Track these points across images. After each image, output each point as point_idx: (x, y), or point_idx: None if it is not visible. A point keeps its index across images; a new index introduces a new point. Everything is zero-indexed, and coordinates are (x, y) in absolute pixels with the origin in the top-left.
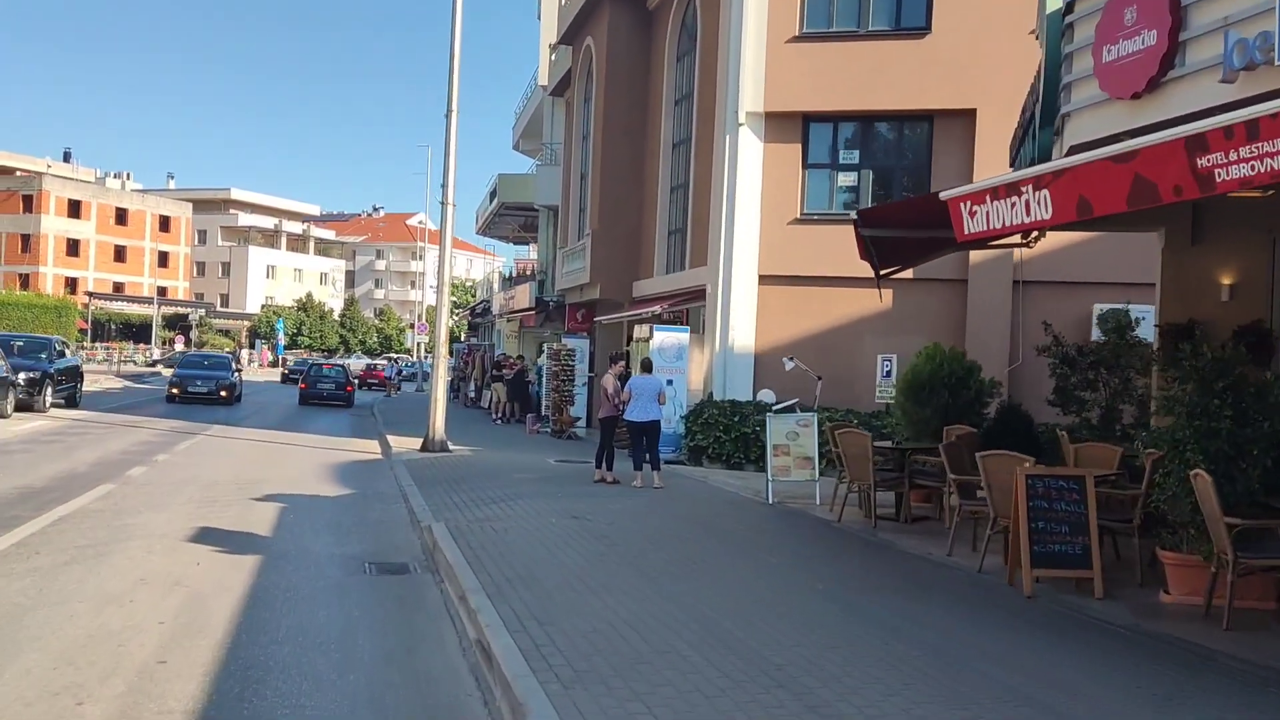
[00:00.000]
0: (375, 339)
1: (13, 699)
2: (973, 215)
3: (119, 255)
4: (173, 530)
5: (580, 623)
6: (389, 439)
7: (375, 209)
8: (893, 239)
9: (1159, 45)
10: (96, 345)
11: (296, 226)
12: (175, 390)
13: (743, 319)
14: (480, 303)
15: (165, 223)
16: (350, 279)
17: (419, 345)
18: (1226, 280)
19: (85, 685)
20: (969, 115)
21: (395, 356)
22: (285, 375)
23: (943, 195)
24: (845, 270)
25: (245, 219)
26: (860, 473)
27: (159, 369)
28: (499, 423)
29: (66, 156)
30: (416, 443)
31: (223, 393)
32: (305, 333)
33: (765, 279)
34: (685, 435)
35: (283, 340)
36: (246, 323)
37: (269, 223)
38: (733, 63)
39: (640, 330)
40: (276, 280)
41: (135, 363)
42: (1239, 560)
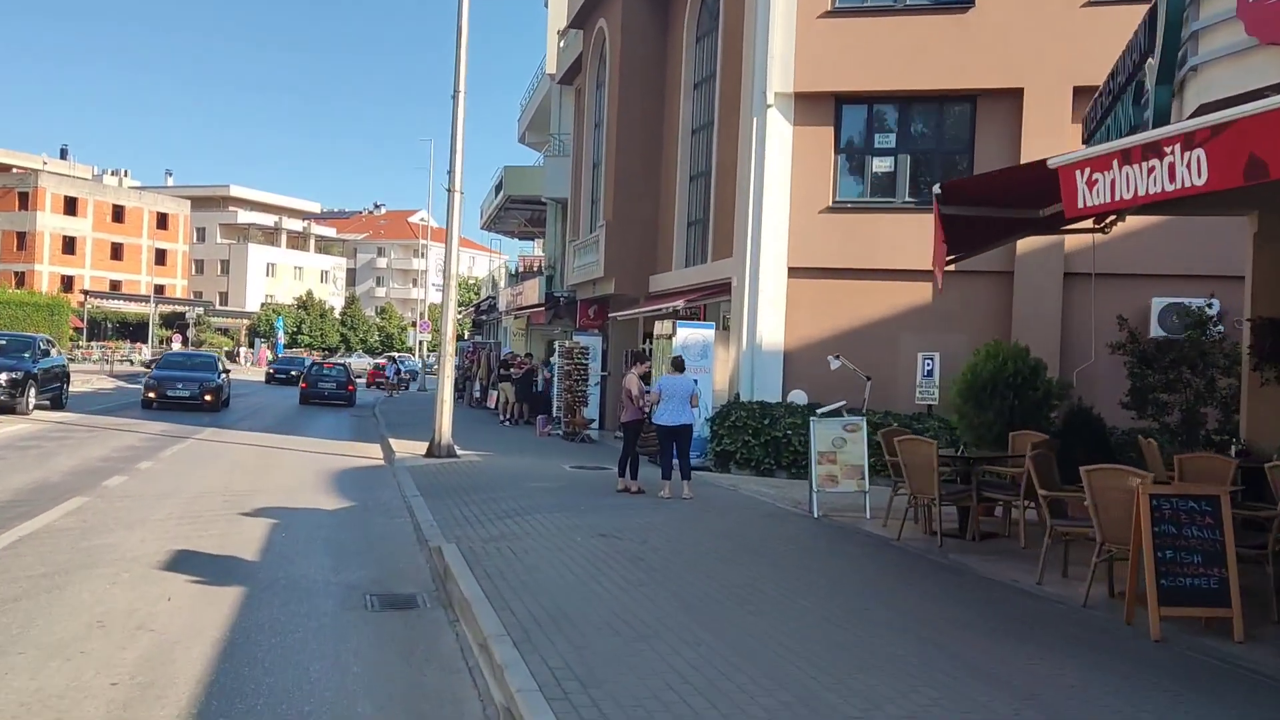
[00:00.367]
0: (377, 337)
1: None
2: (1092, 185)
3: (116, 253)
4: (145, 554)
5: (633, 683)
6: (391, 443)
7: (376, 206)
8: (967, 219)
9: None
10: (92, 344)
11: (297, 224)
12: (151, 394)
13: (771, 314)
14: (485, 299)
15: (163, 220)
16: (351, 277)
17: (422, 343)
18: None
19: None
20: (1014, 95)
21: (396, 355)
22: (270, 375)
23: (1052, 162)
24: (880, 262)
25: (245, 216)
26: (923, 485)
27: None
28: (507, 424)
29: (63, 153)
30: (421, 446)
31: (207, 397)
32: (306, 331)
33: (795, 271)
34: (711, 439)
35: (282, 339)
36: (246, 321)
37: (269, 220)
38: (760, 41)
39: (661, 326)
40: (276, 278)
41: (131, 362)
42: None
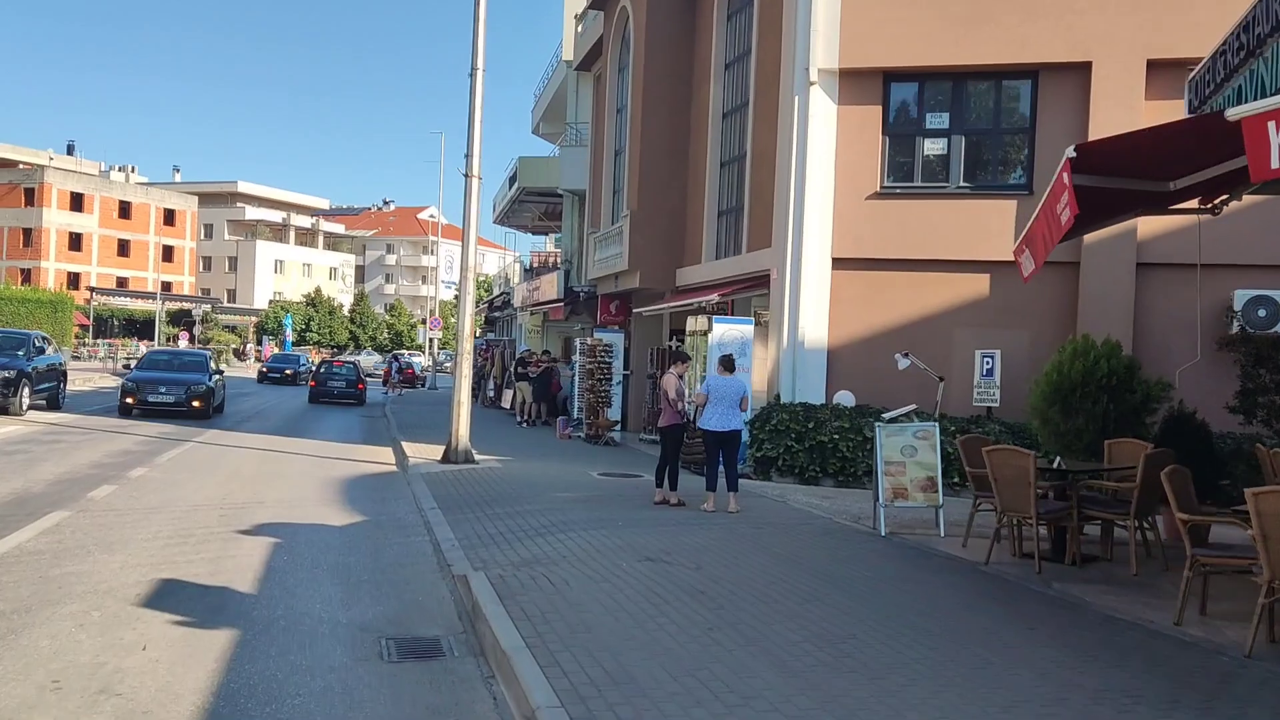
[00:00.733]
0: (386, 335)
1: None
2: None
3: (123, 250)
4: (123, 585)
5: None
6: (405, 446)
7: (385, 202)
8: (1087, 191)
9: None
10: (99, 342)
11: (305, 220)
12: (129, 399)
13: (814, 309)
14: (499, 295)
15: (170, 216)
16: (360, 274)
17: (432, 341)
18: None
19: None
20: (1082, 69)
21: (399, 353)
22: (263, 374)
23: (1232, 113)
24: (933, 251)
25: (252, 213)
26: (1017, 501)
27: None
28: (524, 425)
29: (70, 149)
30: (435, 450)
31: (195, 403)
32: (314, 328)
33: (839, 263)
34: (751, 444)
35: (290, 336)
36: (254, 318)
37: (277, 216)
38: (801, 13)
39: (695, 322)
40: (284, 275)
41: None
42: None
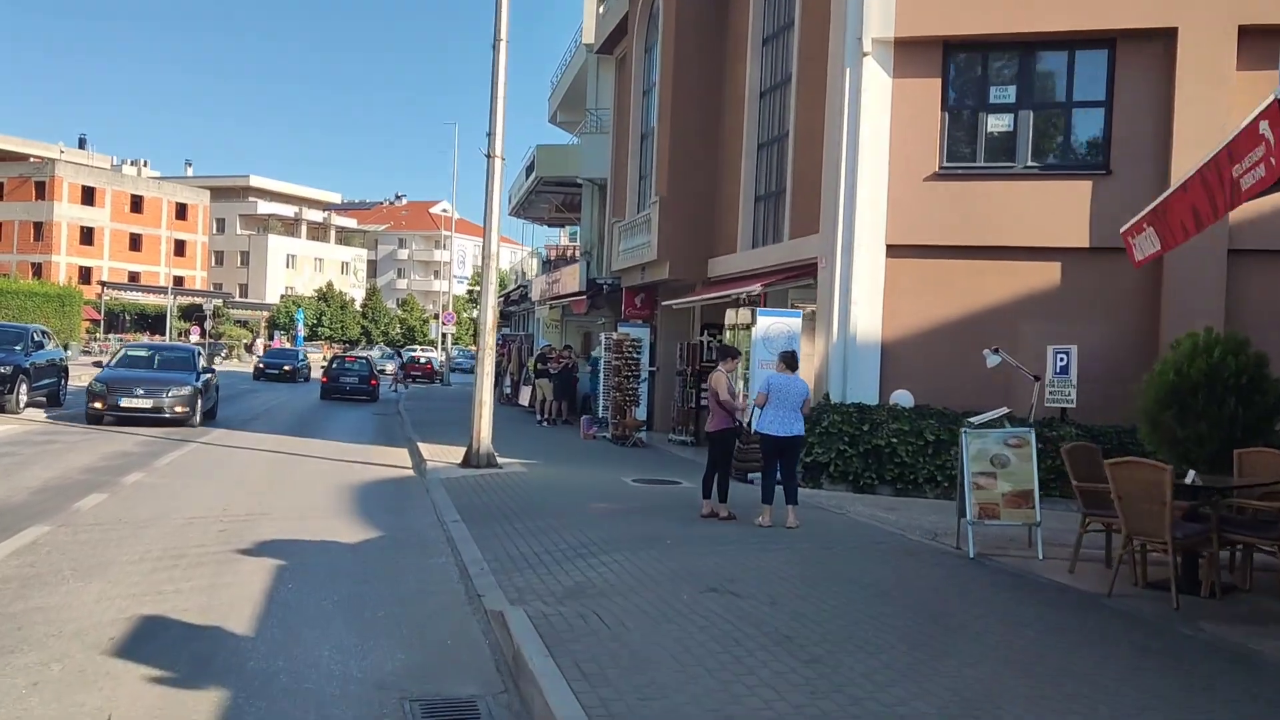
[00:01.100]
0: (398, 330)
1: None
2: None
3: (134, 244)
4: (97, 625)
5: None
6: (421, 448)
7: (398, 197)
8: None
9: None
10: (110, 337)
11: (317, 215)
12: (98, 404)
13: (866, 300)
14: (515, 289)
15: (182, 210)
16: (372, 268)
17: (446, 336)
18: None
19: None
20: (1166, 36)
21: (400, 349)
22: (259, 370)
23: None
24: (997, 237)
25: (265, 207)
26: (1146, 523)
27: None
28: (545, 425)
29: (82, 143)
30: (453, 452)
31: (178, 408)
32: (326, 323)
33: (894, 250)
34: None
35: (302, 331)
36: (265, 313)
37: (289, 211)
38: None
39: (735, 315)
40: (296, 270)
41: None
42: None
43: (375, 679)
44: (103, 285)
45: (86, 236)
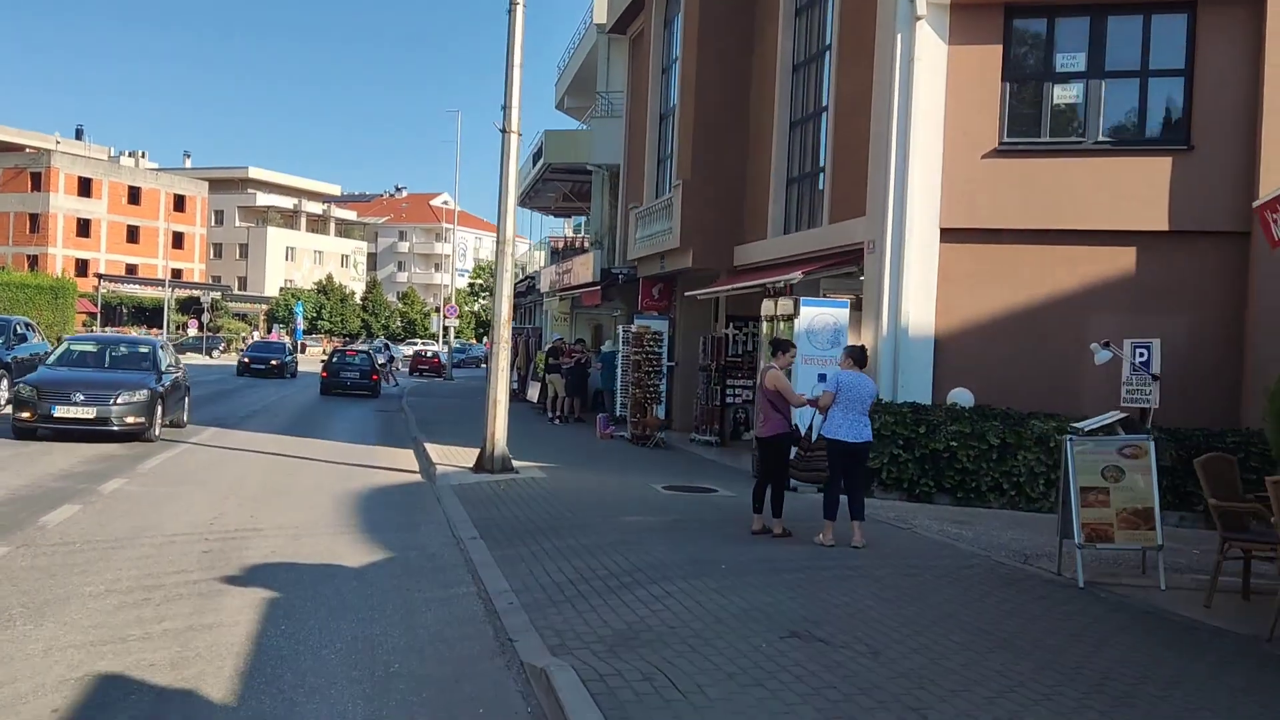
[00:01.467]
0: (399, 323)
1: None
2: None
3: (132, 236)
4: (40, 686)
5: None
6: (428, 449)
7: (398, 189)
8: None
9: None
10: (107, 330)
11: (317, 207)
12: (25, 414)
13: (918, 290)
14: (521, 280)
15: (180, 202)
16: (372, 261)
17: (449, 329)
18: None
19: None
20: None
21: (389, 342)
22: (244, 365)
23: None
24: (1065, 220)
25: (264, 199)
26: None
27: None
28: (557, 423)
29: (79, 134)
30: (464, 455)
31: (130, 419)
32: (325, 316)
33: (949, 234)
34: None
35: (302, 324)
36: (264, 306)
37: (288, 203)
38: None
39: (775, 305)
40: (296, 262)
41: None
42: None
43: None
44: (99, 278)
45: (83, 228)
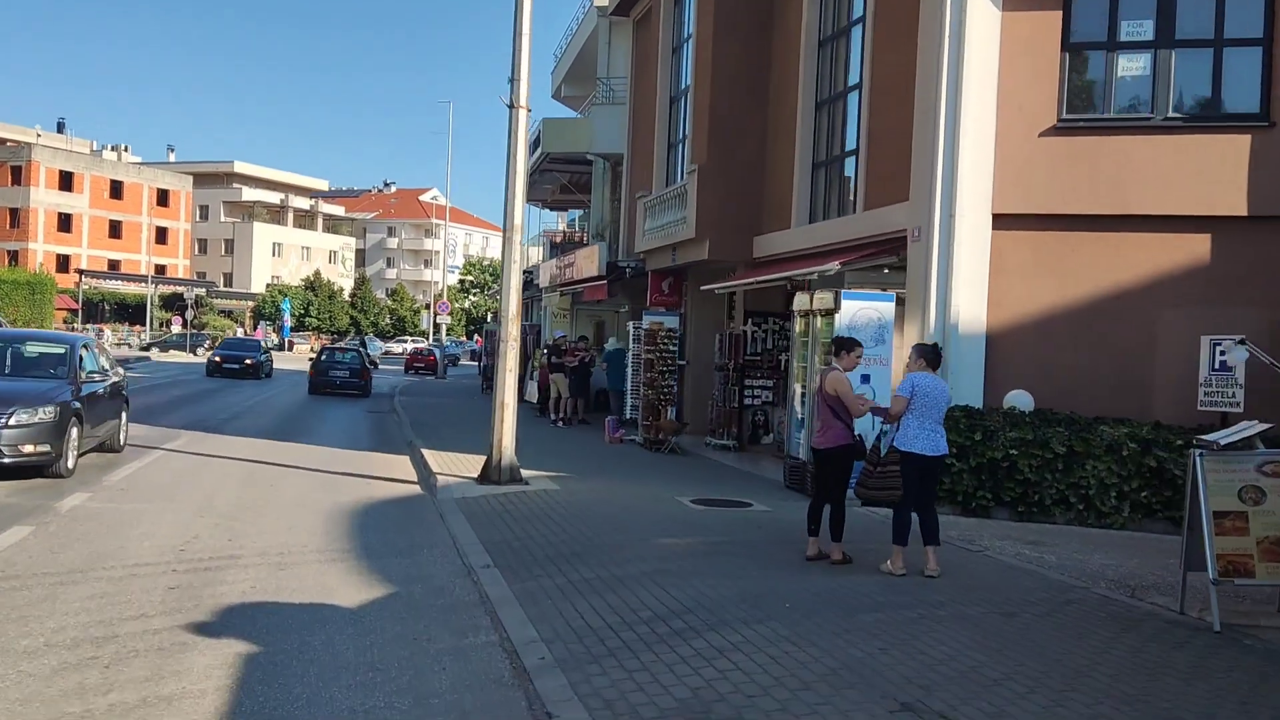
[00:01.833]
0: (388, 320)
1: None
2: None
3: (114, 231)
4: None
5: None
6: (427, 456)
7: (387, 184)
8: None
9: None
10: (88, 327)
11: (304, 202)
12: None
13: (969, 282)
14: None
15: (164, 197)
16: (360, 257)
17: (442, 326)
18: None
19: None
20: None
21: (365, 339)
22: (216, 364)
23: None
24: (1132, 204)
25: (249, 194)
26: None
27: (151, 353)
28: (559, 425)
29: (60, 127)
30: (465, 462)
31: (26, 448)
32: (313, 313)
33: (1003, 220)
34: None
35: (289, 321)
36: (250, 302)
37: (275, 198)
38: None
39: (811, 299)
40: (283, 258)
41: (130, 345)
42: None
43: None
44: (81, 273)
45: (64, 223)
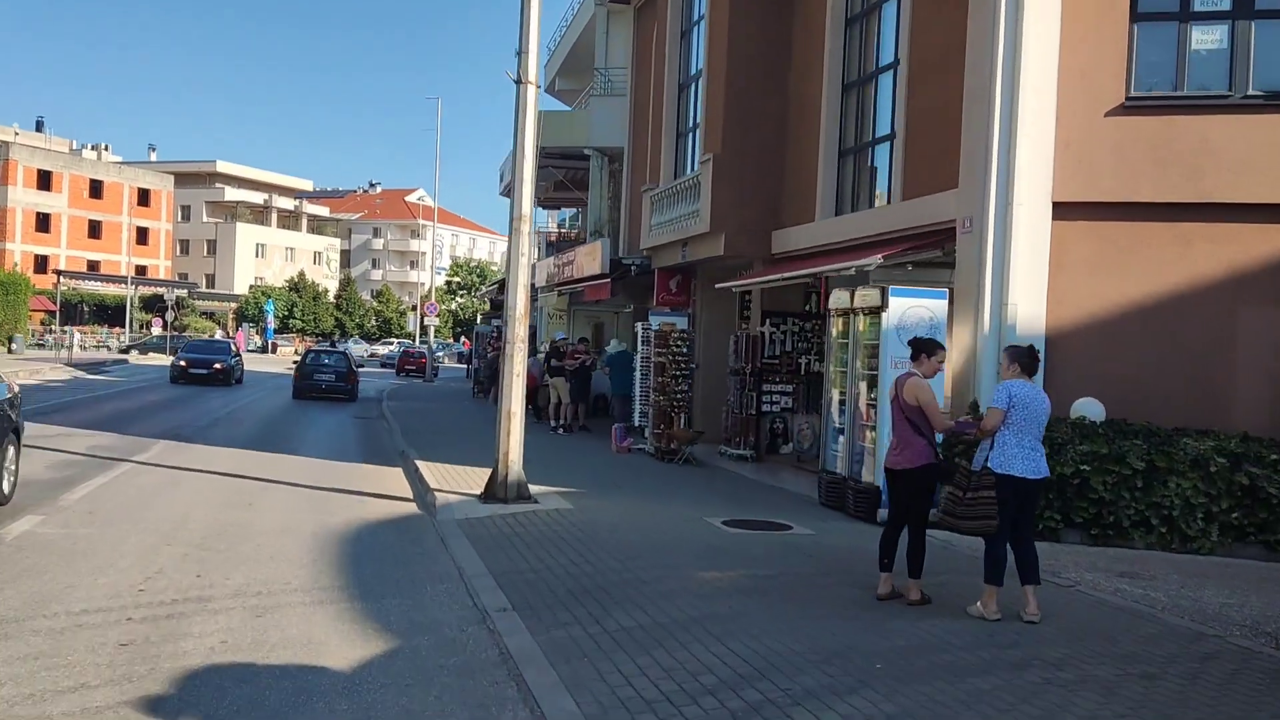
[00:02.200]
0: (373, 322)
1: None
2: None
3: (94, 231)
4: None
5: None
6: (422, 469)
7: (372, 184)
8: None
9: None
10: (66, 329)
11: (288, 202)
12: None
13: (1027, 278)
14: None
15: (145, 196)
16: (346, 258)
17: (431, 328)
18: None
19: None
20: None
21: (335, 341)
22: (180, 369)
23: None
24: (1209, 191)
25: (233, 194)
26: None
27: (130, 356)
28: (560, 433)
29: (39, 125)
30: (465, 476)
31: None
32: (297, 315)
33: (1064, 209)
34: None
35: (272, 323)
36: (233, 304)
37: (258, 198)
38: None
39: (850, 297)
40: (267, 259)
41: (109, 348)
42: None
43: None
44: (59, 274)
45: (43, 223)
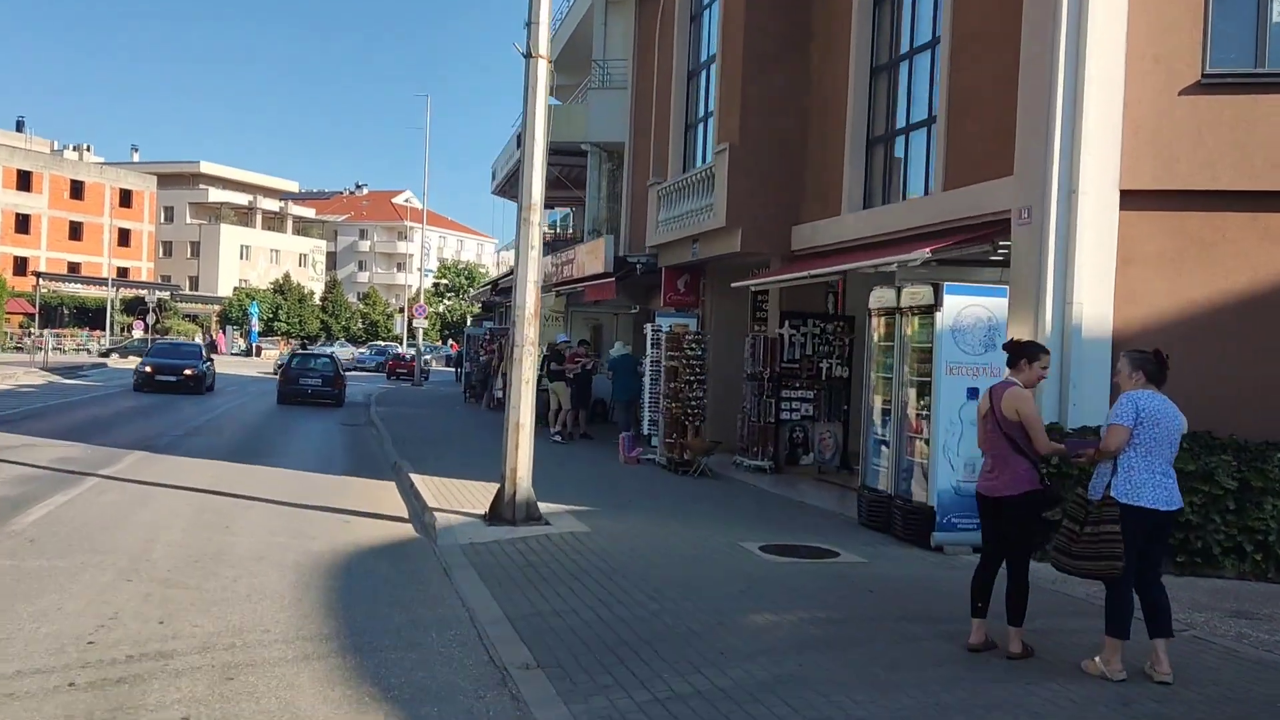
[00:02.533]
0: (360, 325)
1: None
2: None
3: (75, 233)
4: None
5: None
6: (418, 485)
7: (358, 186)
8: None
9: None
10: (45, 332)
11: (273, 204)
12: None
13: (1092, 274)
14: (505, 275)
15: (127, 198)
16: (331, 260)
17: (420, 331)
18: None
19: None
20: None
21: (306, 343)
22: (145, 375)
23: None
24: None
25: (216, 195)
26: None
27: (110, 359)
28: (560, 440)
29: (19, 125)
30: (465, 491)
31: None
32: (282, 317)
33: (1134, 198)
34: None
35: (257, 326)
36: (217, 306)
37: (243, 199)
38: None
39: (897, 295)
40: (251, 261)
41: (89, 351)
42: None
43: None
44: (38, 276)
45: (22, 224)
